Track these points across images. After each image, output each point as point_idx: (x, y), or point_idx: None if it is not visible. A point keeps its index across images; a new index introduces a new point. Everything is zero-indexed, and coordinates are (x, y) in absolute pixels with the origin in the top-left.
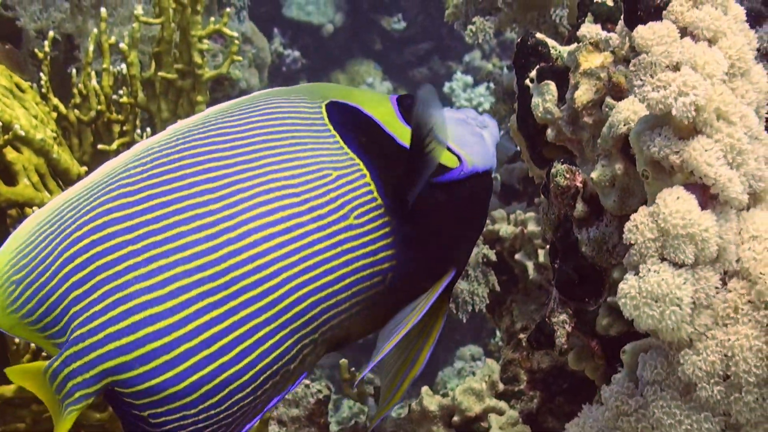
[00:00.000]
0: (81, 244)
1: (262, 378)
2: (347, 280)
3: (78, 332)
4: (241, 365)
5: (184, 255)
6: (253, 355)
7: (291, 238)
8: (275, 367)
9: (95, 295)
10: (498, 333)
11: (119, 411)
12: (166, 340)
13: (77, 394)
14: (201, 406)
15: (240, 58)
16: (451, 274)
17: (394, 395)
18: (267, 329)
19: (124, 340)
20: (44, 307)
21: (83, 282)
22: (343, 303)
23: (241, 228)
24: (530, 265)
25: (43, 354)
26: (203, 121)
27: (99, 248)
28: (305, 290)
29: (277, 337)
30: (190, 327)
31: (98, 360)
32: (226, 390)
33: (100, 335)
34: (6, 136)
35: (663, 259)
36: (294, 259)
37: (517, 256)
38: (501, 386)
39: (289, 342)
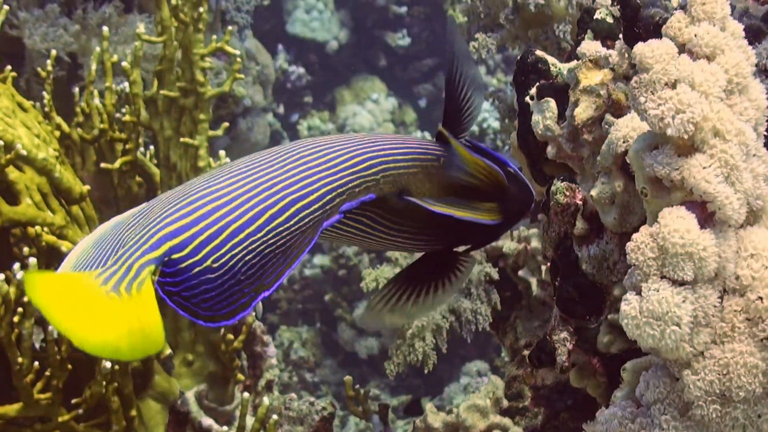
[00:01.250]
0: None
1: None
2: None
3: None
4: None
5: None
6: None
7: None
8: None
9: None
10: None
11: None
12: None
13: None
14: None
15: (242, 76)
16: None
17: None
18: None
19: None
20: None
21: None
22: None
23: None
24: (534, 281)
25: (47, 374)
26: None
27: None
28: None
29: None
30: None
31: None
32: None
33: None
34: (8, 156)
35: (663, 278)
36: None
37: (520, 273)
38: (505, 403)
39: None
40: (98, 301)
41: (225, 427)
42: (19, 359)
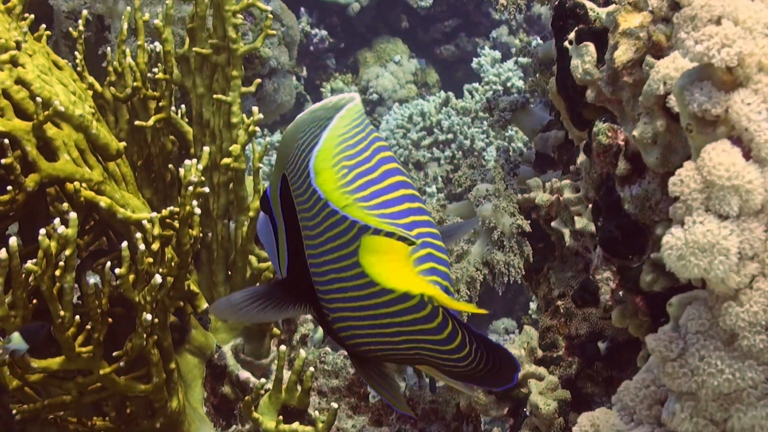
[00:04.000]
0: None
1: None
2: None
3: None
4: None
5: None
6: None
7: None
8: None
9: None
10: (532, 305)
11: None
12: None
13: None
14: None
15: (273, 32)
16: None
17: None
18: None
19: None
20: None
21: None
22: None
23: None
24: (566, 232)
25: (88, 327)
26: None
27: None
28: None
29: None
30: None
31: None
32: None
33: None
34: (46, 113)
35: (708, 211)
36: None
37: (553, 224)
38: (540, 353)
39: None
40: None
41: (263, 380)
42: (61, 312)
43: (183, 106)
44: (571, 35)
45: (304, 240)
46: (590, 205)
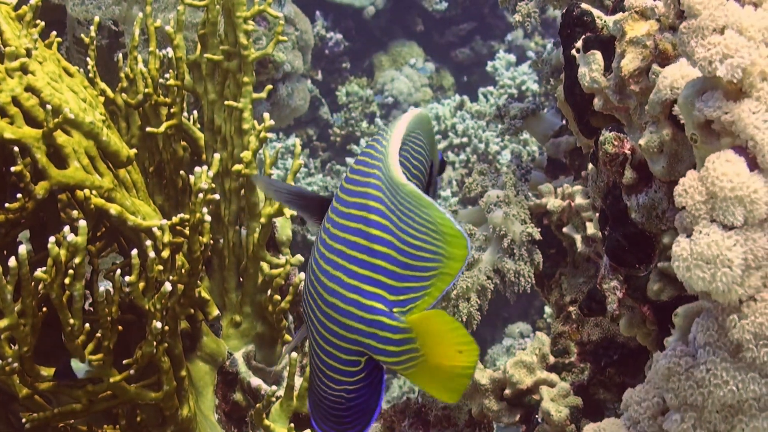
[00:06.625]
0: None
1: None
2: None
3: None
4: None
5: None
6: None
7: None
8: None
9: None
10: (547, 309)
11: None
12: None
13: None
14: None
15: (285, 38)
16: None
17: None
18: None
19: None
20: None
21: None
22: None
23: None
24: (578, 238)
25: (98, 335)
26: None
27: None
28: None
29: None
30: None
31: None
32: None
33: None
34: (56, 120)
35: (713, 221)
36: None
37: (565, 230)
38: (551, 359)
39: None
40: None
41: (274, 387)
42: (71, 320)
43: (195, 112)
44: (579, 43)
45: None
46: (597, 214)
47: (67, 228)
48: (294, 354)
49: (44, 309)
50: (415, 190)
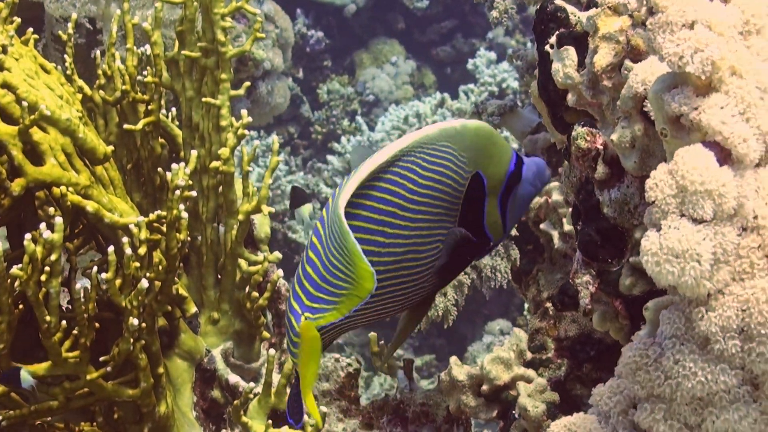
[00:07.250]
0: None
1: None
2: None
3: None
4: None
5: None
6: None
7: None
8: None
9: None
10: (526, 306)
11: None
12: None
13: None
14: None
15: (263, 35)
16: None
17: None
18: None
19: None
20: None
21: None
22: None
23: None
24: (555, 234)
25: (75, 332)
26: None
27: None
28: None
29: None
30: None
31: None
32: None
33: None
34: (32, 117)
35: (683, 215)
36: None
37: (542, 226)
38: (529, 355)
39: None
40: None
41: (252, 384)
42: (47, 318)
43: (174, 109)
44: (552, 39)
45: None
46: (570, 209)
47: (43, 225)
48: (272, 351)
49: (20, 306)
50: (341, 222)
